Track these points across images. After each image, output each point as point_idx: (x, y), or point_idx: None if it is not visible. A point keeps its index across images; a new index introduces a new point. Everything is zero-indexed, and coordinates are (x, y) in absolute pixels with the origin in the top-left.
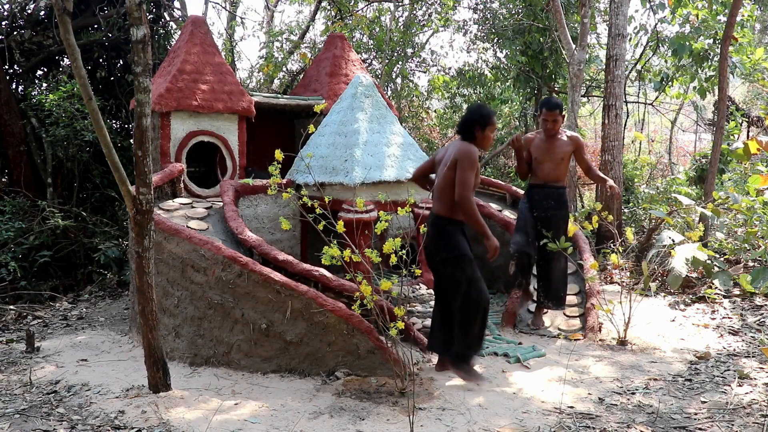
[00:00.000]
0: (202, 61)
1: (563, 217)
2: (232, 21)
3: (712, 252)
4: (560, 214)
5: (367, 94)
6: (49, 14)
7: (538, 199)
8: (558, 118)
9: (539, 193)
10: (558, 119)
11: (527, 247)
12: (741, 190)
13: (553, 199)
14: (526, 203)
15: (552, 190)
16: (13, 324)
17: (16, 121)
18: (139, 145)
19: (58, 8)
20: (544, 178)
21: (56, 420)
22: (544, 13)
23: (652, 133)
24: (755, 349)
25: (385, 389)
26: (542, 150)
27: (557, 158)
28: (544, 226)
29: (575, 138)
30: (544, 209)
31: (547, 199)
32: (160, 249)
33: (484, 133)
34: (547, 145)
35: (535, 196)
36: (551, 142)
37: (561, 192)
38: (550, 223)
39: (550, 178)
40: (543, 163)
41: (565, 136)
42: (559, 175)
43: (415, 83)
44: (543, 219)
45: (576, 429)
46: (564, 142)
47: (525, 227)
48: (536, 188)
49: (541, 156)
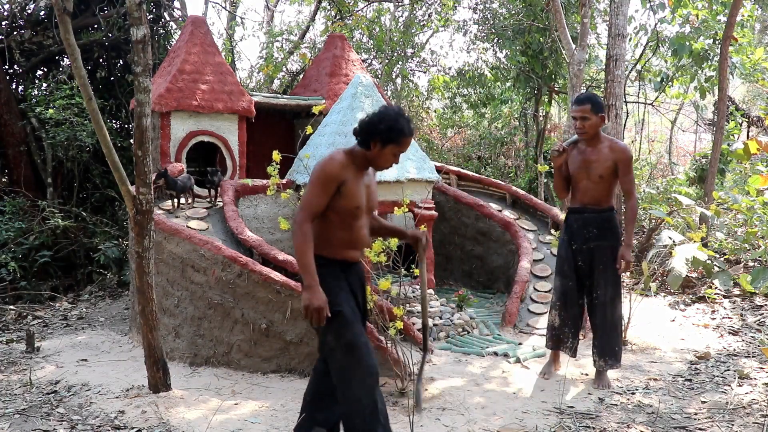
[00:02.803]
0: (202, 61)
1: (611, 249)
2: (232, 21)
3: (712, 252)
4: (606, 246)
5: (367, 94)
6: (49, 14)
7: (577, 227)
8: (589, 116)
9: (578, 219)
10: (589, 117)
11: (571, 293)
12: (741, 190)
13: (596, 227)
14: (564, 234)
15: (593, 215)
16: (13, 324)
17: (16, 121)
18: (139, 145)
19: (58, 8)
20: (581, 200)
21: (56, 420)
22: (544, 13)
23: (652, 133)
24: (755, 349)
25: (385, 389)
26: (577, 164)
27: (594, 175)
28: (585, 262)
29: (620, 149)
30: (584, 240)
31: (588, 227)
32: (160, 249)
33: (382, 150)
34: (583, 158)
35: (573, 224)
36: (588, 154)
37: (607, 217)
38: (593, 257)
39: (588, 199)
40: (580, 182)
41: (608, 146)
42: (601, 196)
43: (415, 83)
44: (584, 252)
45: (576, 429)
46: (604, 154)
47: (563, 267)
48: (574, 213)
49: (578, 171)
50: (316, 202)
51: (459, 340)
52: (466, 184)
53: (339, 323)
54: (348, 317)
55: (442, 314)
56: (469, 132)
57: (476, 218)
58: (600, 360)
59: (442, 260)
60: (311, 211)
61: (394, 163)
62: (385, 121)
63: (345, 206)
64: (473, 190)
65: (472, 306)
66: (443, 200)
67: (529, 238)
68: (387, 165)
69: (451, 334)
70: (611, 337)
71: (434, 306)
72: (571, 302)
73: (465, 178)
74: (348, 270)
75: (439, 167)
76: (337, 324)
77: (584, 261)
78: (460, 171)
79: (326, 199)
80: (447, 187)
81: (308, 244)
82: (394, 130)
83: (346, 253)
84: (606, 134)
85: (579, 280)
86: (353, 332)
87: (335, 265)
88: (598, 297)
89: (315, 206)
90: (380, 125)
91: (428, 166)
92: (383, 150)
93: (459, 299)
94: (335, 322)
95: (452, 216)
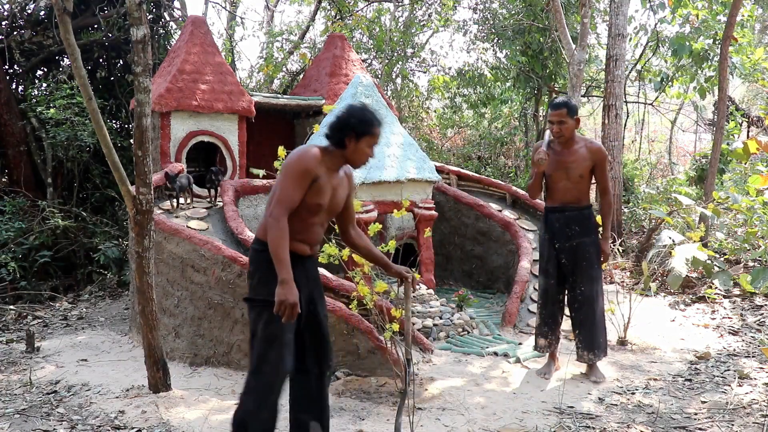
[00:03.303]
0: (202, 61)
1: (593, 244)
2: (232, 21)
3: (712, 252)
4: (589, 241)
5: (367, 94)
6: (49, 14)
7: (559, 226)
8: (565, 119)
9: (559, 218)
10: (566, 120)
11: (553, 292)
12: (741, 190)
13: (578, 224)
14: (545, 234)
15: (575, 212)
16: (13, 324)
17: (16, 121)
18: (139, 145)
19: (58, 8)
20: (561, 199)
21: (56, 420)
22: (544, 13)
23: (652, 133)
24: (755, 349)
25: (385, 389)
26: (556, 164)
27: (574, 175)
28: (569, 260)
29: (596, 150)
30: (567, 237)
31: (570, 225)
32: (160, 249)
33: (357, 145)
34: (562, 159)
35: (555, 223)
36: (566, 155)
37: (587, 214)
38: (576, 253)
39: (569, 198)
40: (558, 182)
41: (585, 146)
42: (581, 195)
43: (415, 83)
44: (567, 250)
45: (576, 429)
46: (582, 155)
47: (547, 267)
48: (555, 212)
49: (555, 172)
50: (293, 196)
51: (459, 340)
52: (466, 184)
53: (270, 313)
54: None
55: (442, 314)
56: (469, 132)
57: (476, 218)
58: (589, 353)
59: (442, 260)
60: (288, 206)
61: (370, 156)
62: (355, 115)
63: (308, 201)
64: (473, 190)
65: (472, 306)
66: (443, 200)
67: (529, 238)
68: (364, 159)
69: (451, 334)
70: (599, 329)
71: (434, 306)
72: (552, 299)
73: (465, 178)
74: (295, 263)
75: (439, 167)
76: (268, 313)
77: (567, 258)
78: (460, 171)
79: (302, 193)
80: (447, 187)
81: (286, 240)
82: (365, 122)
83: (295, 245)
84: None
85: (560, 277)
86: (282, 327)
87: None
88: (582, 293)
89: (291, 200)
90: (351, 120)
91: (428, 166)
92: (358, 144)
93: (459, 299)
94: (268, 311)
95: (452, 216)
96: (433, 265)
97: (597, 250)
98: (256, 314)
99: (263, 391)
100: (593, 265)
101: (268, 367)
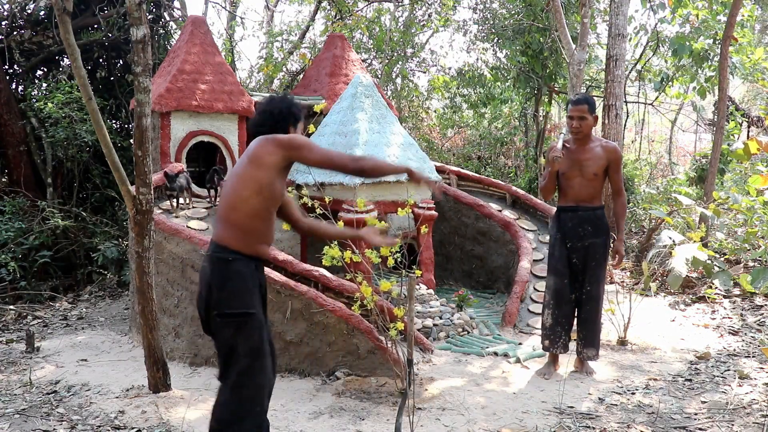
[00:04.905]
0: (202, 61)
1: (603, 245)
2: (232, 21)
3: (713, 252)
4: (600, 242)
5: (367, 94)
6: (49, 14)
7: (572, 225)
8: (586, 115)
9: (573, 218)
10: (586, 116)
11: (566, 291)
12: (741, 190)
13: (590, 224)
14: (556, 233)
15: (587, 212)
16: (13, 324)
17: (16, 121)
18: (139, 145)
19: (58, 8)
20: (575, 198)
21: (56, 420)
22: (544, 13)
23: (652, 133)
24: (755, 349)
25: (385, 389)
26: (570, 162)
27: (589, 173)
28: (579, 259)
29: (612, 149)
30: (579, 237)
31: (583, 225)
32: (160, 249)
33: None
34: (577, 157)
35: (567, 223)
36: (579, 153)
37: (599, 214)
38: (587, 254)
39: (582, 197)
40: (572, 179)
41: (600, 146)
42: (593, 194)
43: (415, 83)
44: (579, 250)
45: (576, 429)
46: (597, 154)
47: (557, 265)
48: (567, 212)
49: (570, 170)
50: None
51: (459, 340)
52: (466, 184)
53: (250, 326)
54: (259, 321)
55: (442, 314)
56: (469, 132)
57: (476, 218)
58: (587, 350)
59: (442, 260)
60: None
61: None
62: (285, 105)
63: (278, 190)
64: (473, 190)
65: (472, 306)
66: (443, 200)
67: (529, 238)
68: None
69: (451, 334)
70: (598, 328)
71: (434, 306)
72: (565, 300)
73: (465, 178)
74: (259, 267)
75: (439, 167)
76: (249, 327)
77: (578, 258)
78: (460, 171)
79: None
80: (447, 187)
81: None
82: (295, 107)
83: (260, 248)
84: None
85: (572, 277)
86: (261, 337)
87: (251, 263)
88: (589, 292)
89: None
90: (285, 110)
91: (428, 166)
92: (296, 131)
93: (459, 299)
94: (247, 324)
95: (452, 216)
96: (433, 265)
97: (606, 251)
98: (235, 329)
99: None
100: (601, 265)
101: (251, 381)
